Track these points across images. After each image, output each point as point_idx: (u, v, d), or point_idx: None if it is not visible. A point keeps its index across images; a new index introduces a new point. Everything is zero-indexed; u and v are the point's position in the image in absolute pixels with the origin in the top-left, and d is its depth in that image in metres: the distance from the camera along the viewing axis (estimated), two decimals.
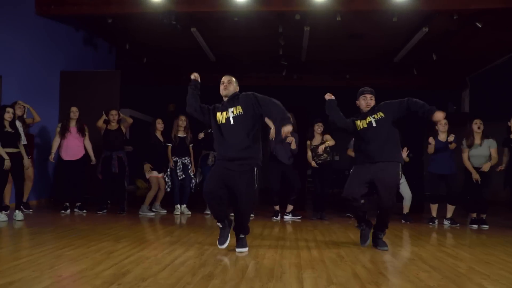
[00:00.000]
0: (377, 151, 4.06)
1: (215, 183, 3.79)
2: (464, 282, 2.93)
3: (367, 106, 4.26)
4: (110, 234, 4.59)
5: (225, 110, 3.89)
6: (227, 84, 3.93)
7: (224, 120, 3.87)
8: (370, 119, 4.19)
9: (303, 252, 3.86)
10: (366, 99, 4.27)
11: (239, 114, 3.82)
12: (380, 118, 4.15)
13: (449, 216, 6.24)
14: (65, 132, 6.45)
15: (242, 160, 3.76)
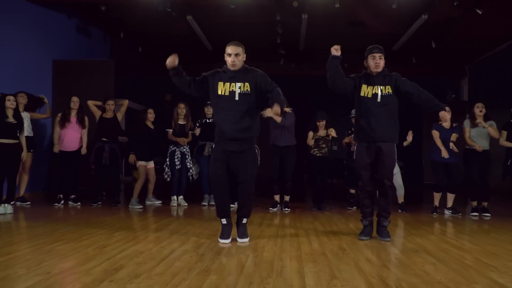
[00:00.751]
0: (378, 131, 3.93)
1: (220, 166, 3.72)
2: (472, 275, 2.80)
3: (376, 66, 3.98)
4: (103, 228, 4.45)
5: (231, 82, 3.73)
6: (234, 58, 3.72)
7: (227, 92, 3.71)
8: (377, 90, 3.94)
9: (304, 245, 3.72)
10: (375, 59, 4.00)
11: (246, 92, 3.71)
12: (387, 94, 3.94)
13: (449, 205, 6.13)
14: (65, 122, 6.29)
15: (242, 141, 3.71)
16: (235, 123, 3.68)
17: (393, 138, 4.02)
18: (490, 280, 2.69)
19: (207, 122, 6.51)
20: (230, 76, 3.74)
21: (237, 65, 3.74)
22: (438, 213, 6.07)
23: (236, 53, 3.72)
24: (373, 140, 3.96)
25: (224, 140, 3.75)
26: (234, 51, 3.72)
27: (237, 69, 3.75)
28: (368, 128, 3.95)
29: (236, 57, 3.71)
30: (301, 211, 6.18)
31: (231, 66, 3.74)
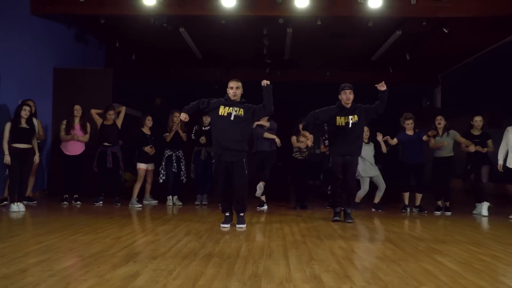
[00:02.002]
0: (348, 147, 5.42)
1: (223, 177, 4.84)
2: (420, 256, 3.53)
3: (348, 99, 5.37)
4: (113, 223, 5.06)
5: (229, 106, 4.77)
6: (235, 90, 4.83)
7: (225, 113, 4.78)
8: (348, 119, 5.35)
9: (288, 236, 4.41)
10: (346, 94, 5.37)
11: (239, 115, 4.77)
12: (355, 122, 5.36)
13: (417, 204, 6.90)
14: (70, 129, 6.86)
15: (234, 152, 4.77)
16: (230, 137, 4.74)
17: (358, 153, 5.55)
18: (433, 259, 3.42)
19: (203, 129, 7.16)
20: (230, 103, 4.85)
21: (238, 96, 4.87)
22: (408, 211, 6.83)
23: (237, 87, 4.85)
24: (344, 155, 5.43)
25: (220, 149, 4.80)
26: (235, 85, 4.86)
27: (237, 99, 4.87)
28: (341, 146, 5.42)
29: (237, 90, 4.84)
30: (285, 209, 6.87)
31: (233, 96, 4.84)
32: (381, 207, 7.01)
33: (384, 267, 3.16)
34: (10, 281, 2.60)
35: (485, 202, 6.52)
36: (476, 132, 6.72)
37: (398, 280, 2.82)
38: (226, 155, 4.79)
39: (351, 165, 5.46)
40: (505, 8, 7.63)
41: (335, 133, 5.51)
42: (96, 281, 2.64)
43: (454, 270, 3.08)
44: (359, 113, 5.41)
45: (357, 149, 5.52)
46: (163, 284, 2.61)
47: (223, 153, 4.80)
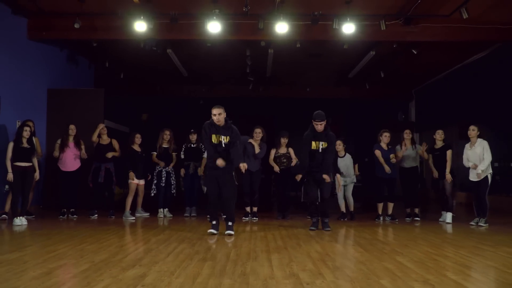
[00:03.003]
0: (319, 167, 6.11)
1: (214, 187, 5.56)
2: (384, 257, 4.14)
3: (319, 129, 6.05)
4: (112, 233, 5.56)
5: (219, 134, 5.54)
6: (218, 117, 5.45)
7: (217, 141, 5.55)
8: (319, 145, 6.09)
9: (271, 243, 4.99)
10: (317, 126, 6.04)
11: (228, 142, 5.48)
12: (325, 147, 6.11)
13: (389, 212, 7.56)
14: (64, 147, 7.34)
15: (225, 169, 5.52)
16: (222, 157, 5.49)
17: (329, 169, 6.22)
18: (394, 259, 4.03)
19: (191, 147, 7.72)
20: (219, 131, 5.55)
21: (221, 121, 5.51)
22: (381, 220, 7.47)
23: (219, 113, 5.46)
24: (317, 172, 6.12)
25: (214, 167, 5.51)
26: (218, 112, 5.47)
27: (222, 124, 5.52)
28: (315, 166, 6.12)
29: (219, 116, 5.47)
30: (268, 219, 7.45)
31: (217, 122, 5.50)
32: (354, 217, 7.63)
33: (352, 266, 3.76)
34: (39, 281, 3.11)
35: (448, 212, 7.21)
36: (438, 145, 7.43)
37: (362, 276, 3.42)
38: (218, 170, 5.50)
39: (323, 181, 6.09)
40: (465, 34, 8.46)
41: (310, 156, 6.14)
42: (111, 280, 3.16)
43: (409, 268, 3.69)
44: (329, 141, 6.12)
45: (329, 166, 6.19)
46: (168, 282, 3.15)
47: (214, 172, 5.53)
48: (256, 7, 7.55)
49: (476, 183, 6.79)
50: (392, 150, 7.45)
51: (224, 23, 7.94)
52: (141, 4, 7.50)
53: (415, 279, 3.29)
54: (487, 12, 7.90)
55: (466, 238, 5.53)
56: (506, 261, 4.05)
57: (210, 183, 5.65)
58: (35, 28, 8.38)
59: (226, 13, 7.91)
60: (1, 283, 3.07)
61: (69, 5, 7.71)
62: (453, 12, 7.74)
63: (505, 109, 9.50)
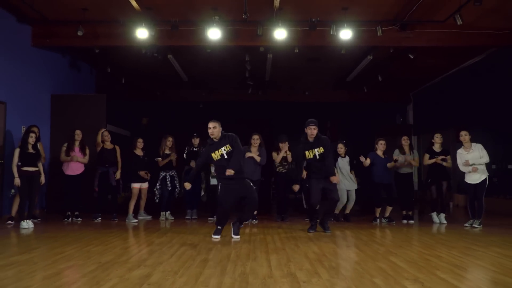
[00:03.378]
0: (322, 172, 6.17)
1: (231, 198, 5.51)
2: (378, 257, 4.32)
3: (311, 135, 6.15)
4: (115, 236, 5.73)
5: (218, 149, 5.46)
6: (213, 130, 5.48)
7: (219, 156, 5.52)
8: (315, 152, 6.15)
9: (270, 244, 5.16)
10: (311, 129, 6.13)
11: (230, 151, 5.45)
12: (321, 153, 6.14)
13: (387, 215, 7.73)
14: (70, 151, 7.52)
15: (238, 179, 5.49)
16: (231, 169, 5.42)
17: (332, 173, 6.15)
18: (388, 260, 4.21)
19: (193, 150, 7.91)
20: (216, 145, 5.54)
21: (215, 135, 5.52)
22: (378, 222, 7.64)
23: (214, 126, 5.50)
24: (320, 177, 6.17)
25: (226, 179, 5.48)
26: (213, 125, 5.51)
27: (217, 137, 5.53)
28: (317, 173, 6.17)
29: (214, 129, 5.50)
30: (268, 222, 7.62)
31: (211, 135, 5.52)
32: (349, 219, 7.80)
33: (347, 266, 3.94)
34: (51, 281, 3.29)
35: (442, 213, 7.38)
36: (437, 149, 7.60)
37: (356, 275, 3.59)
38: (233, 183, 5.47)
39: (330, 184, 6.12)
40: (460, 39, 8.65)
41: (309, 164, 6.29)
42: (119, 280, 3.34)
43: (401, 267, 3.87)
44: (323, 144, 6.14)
45: (330, 170, 6.15)
46: (172, 281, 3.32)
47: (230, 182, 5.46)
48: (255, 14, 7.74)
49: (473, 185, 6.97)
50: (387, 159, 7.62)
51: (224, 29, 8.14)
52: (142, 11, 7.69)
53: (406, 278, 3.46)
54: (481, 18, 8.10)
55: (460, 239, 5.70)
56: (496, 261, 4.23)
57: (227, 194, 5.49)
58: (39, 36, 8.57)
59: (225, 20, 8.11)
60: (15, 282, 3.25)
61: (72, 13, 7.91)
62: (447, 18, 7.92)
63: (501, 112, 9.69)
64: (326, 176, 6.09)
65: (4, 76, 7.75)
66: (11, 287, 3.10)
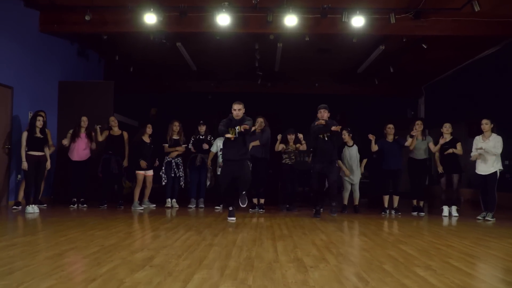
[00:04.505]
0: (325, 155, 6.60)
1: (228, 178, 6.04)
2: (387, 246, 4.20)
3: (322, 117, 6.54)
4: (120, 222, 5.67)
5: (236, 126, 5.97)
6: (238, 112, 5.97)
7: (236, 134, 5.98)
8: (325, 136, 6.54)
9: (276, 231, 5.06)
10: (321, 113, 6.57)
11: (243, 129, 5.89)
12: (329, 135, 6.53)
13: (395, 205, 7.58)
14: (76, 137, 7.48)
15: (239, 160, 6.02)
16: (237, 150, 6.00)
17: (334, 157, 6.73)
18: (397, 248, 4.09)
19: (199, 138, 7.82)
20: (235, 123, 6.02)
21: (240, 116, 6.02)
22: (387, 213, 7.50)
23: (239, 108, 5.99)
24: (323, 161, 6.59)
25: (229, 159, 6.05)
26: (238, 107, 6.00)
27: (239, 118, 6.01)
28: (320, 154, 6.64)
29: (239, 111, 6.01)
30: (274, 212, 7.51)
31: (236, 117, 6.00)
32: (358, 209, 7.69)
33: (355, 253, 3.82)
34: (52, 261, 3.22)
35: (453, 206, 7.23)
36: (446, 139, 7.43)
37: (365, 261, 3.48)
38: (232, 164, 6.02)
39: (330, 168, 6.61)
40: (476, 28, 8.41)
41: (316, 148, 6.71)
42: (121, 261, 3.26)
43: (411, 255, 3.75)
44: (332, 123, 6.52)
45: (333, 155, 6.70)
46: (175, 263, 3.24)
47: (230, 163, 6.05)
48: (265, 0, 7.60)
49: (484, 177, 6.79)
50: (395, 144, 7.46)
51: (233, 16, 8.01)
52: None
53: (417, 265, 3.34)
54: (500, 6, 7.84)
55: (471, 230, 5.54)
56: (510, 250, 4.09)
57: (225, 172, 6.09)
58: (46, 21, 8.51)
59: (235, 6, 7.97)
60: (17, 261, 3.19)
61: None
62: (464, 5, 7.69)
63: None
64: (328, 159, 6.57)
65: (11, 60, 7.71)
66: (12, 266, 3.04)
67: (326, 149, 6.58)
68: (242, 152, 6.03)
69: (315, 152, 6.77)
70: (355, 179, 7.77)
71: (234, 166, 6.01)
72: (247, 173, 6.09)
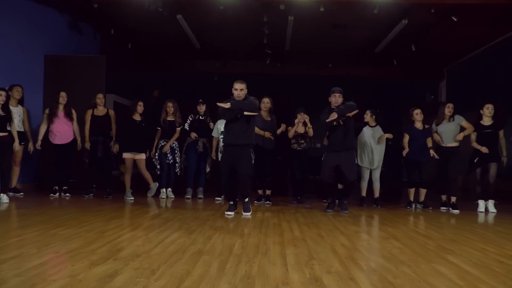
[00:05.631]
0: (341, 143, 5.64)
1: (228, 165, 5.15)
2: (431, 256, 3.21)
3: (336, 102, 5.62)
4: (100, 216, 4.75)
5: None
6: (239, 92, 5.12)
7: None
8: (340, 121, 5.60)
9: (286, 232, 4.10)
10: (335, 97, 5.63)
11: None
12: (344, 119, 5.59)
13: (421, 199, 6.58)
14: (53, 117, 6.53)
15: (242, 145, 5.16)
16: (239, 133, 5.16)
17: (352, 146, 5.79)
18: (446, 260, 3.10)
19: (199, 119, 6.84)
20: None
21: (241, 97, 5.18)
22: (413, 207, 6.51)
23: (241, 89, 5.12)
24: (338, 151, 5.64)
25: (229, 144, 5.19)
26: (240, 87, 5.13)
27: (241, 99, 5.15)
28: (335, 141, 5.70)
29: (241, 91, 5.13)
30: (283, 204, 6.55)
31: (237, 97, 5.16)
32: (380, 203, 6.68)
33: (393, 269, 2.85)
34: None
35: (490, 200, 6.22)
36: (486, 123, 6.38)
37: (410, 283, 2.50)
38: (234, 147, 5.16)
39: (347, 162, 5.63)
40: None
41: (330, 135, 5.82)
42: (68, 281, 2.32)
43: (471, 273, 2.76)
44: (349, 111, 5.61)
45: (351, 142, 5.81)
46: (143, 285, 2.29)
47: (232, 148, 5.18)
48: None
49: None
50: (428, 131, 6.42)
51: None
52: None
53: None
54: None
55: None
56: None
57: (224, 160, 5.25)
58: None
59: None
60: None
61: None
62: None
63: None
64: (345, 149, 5.65)
65: None
66: None
67: (340, 135, 5.65)
68: (245, 136, 5.17)
69: (328, 138, 5.87)
70: (375, 162, 6.73)
71: (233, 152, 5.15)
72: (246, 166, 5.14)
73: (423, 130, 6.41)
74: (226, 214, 5.14)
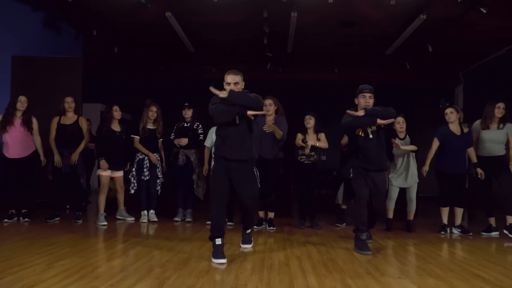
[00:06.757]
0: (372, 161, 4.23)
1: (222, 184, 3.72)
2: None
3: (366, 104, 4.24)
4: (46, 253, 3.57)
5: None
6: (233, 87, 3.68)
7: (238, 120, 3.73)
8: (368, 129, 4.20)
9: (297, 279, 2.92)
10: (365, 98, 4.26)
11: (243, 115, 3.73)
12: (373, 130, 4.22)
13: (458, 223, 5.38)
14: (7, 125, 5.35)
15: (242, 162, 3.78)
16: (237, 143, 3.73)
17: (385, 166, 4.41)
18: None
19: (184, 126, 5.68)
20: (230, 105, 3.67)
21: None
22: (448, 232, 5.33)
23: (235, 82, 3.68)
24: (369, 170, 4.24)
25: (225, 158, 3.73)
26: (233, 80, 3.68)
27: None
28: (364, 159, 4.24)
29: (235, 86, 3.66)
30: (289, 230, 5.34)
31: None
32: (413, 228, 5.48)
33: None
34: None
35: None
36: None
37: None
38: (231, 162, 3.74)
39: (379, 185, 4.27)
40: None
41: (355, 147, 4.38)
42: None
43: None
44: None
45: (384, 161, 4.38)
46: None
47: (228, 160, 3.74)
48: None
49: None
50: (468, 138, 5.25)
51: None
52: None
53: None
54: None
55: None
56: None
57: (216, 178, 3.72)
58: None
59: None
60: None
61: None
62: None
63: None
64: (377, 169, 4.24)
65: None
66: None
67: (371, 150, 4.22)
68: (246, 148, 3.74)
69: (353, 152, 4.41)
70: (410, 181, 5.56)
71: (229, 169, 3.73)
72: (253, 189, 3.81)
73: (461, 135, 5.24)
74: (216, 263, 3.46)
